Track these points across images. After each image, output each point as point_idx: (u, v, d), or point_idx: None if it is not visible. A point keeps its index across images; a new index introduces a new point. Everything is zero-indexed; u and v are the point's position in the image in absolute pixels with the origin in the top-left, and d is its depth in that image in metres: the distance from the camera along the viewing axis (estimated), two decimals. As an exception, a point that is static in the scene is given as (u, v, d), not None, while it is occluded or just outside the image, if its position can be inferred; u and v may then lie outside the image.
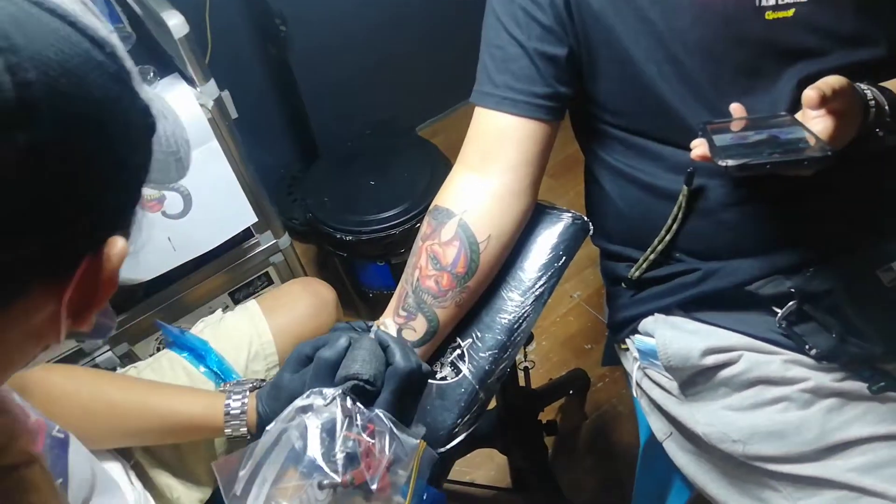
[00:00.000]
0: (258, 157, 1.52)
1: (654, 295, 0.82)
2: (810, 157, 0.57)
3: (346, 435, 0.59)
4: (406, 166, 1.61)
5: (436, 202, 0.78)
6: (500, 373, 0.77)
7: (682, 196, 0.74)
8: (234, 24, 1.75)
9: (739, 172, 0.58)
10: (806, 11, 0.66)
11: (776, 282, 0.73)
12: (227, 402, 0.74)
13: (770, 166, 0.57)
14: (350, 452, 0.59)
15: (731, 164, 0.57)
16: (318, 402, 0.61)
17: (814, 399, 0.70)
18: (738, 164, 0.57)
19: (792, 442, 0.69)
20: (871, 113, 0.62)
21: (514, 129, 0.76)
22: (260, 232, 1.34)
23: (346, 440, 0.59)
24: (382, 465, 0.60)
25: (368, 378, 0.63)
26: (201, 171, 1.14)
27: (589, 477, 1.47)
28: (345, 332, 0.70)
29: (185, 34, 1.04)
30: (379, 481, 0.60)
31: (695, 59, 0.69)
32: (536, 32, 0.74)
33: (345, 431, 0.59)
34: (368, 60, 2.03)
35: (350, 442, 0.59)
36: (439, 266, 0.74)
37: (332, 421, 0.60)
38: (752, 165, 0.57)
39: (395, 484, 0.62)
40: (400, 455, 0.62)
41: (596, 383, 1.59)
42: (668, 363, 0.78)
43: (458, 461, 1.49)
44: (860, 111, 0.62)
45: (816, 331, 0.72)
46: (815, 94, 0.57)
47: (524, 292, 0.79)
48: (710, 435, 0.75)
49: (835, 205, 0.72)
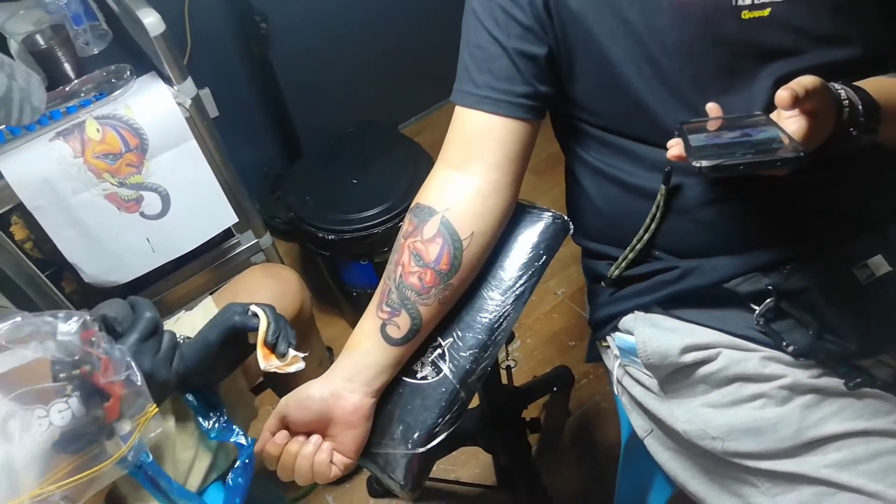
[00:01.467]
0: (241, 155, 1.52)
1: (633, 293, 0.82)
2: (783, 157, 0.57)
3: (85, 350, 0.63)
4: (389, 164, 1.60)
5: (417, 200, 0.78)
6: (480, 372, 0.76)
7: (660, 195, 0.75)
8: (214, 23, 1.73)
9: (713, 173, 0.59)
10: (781, 11, 0.67)
11: (754, 279, 0.74)
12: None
13: (743, 167, 0.57)
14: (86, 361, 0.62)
15: (704, 164, 0.58)
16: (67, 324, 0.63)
17: (791, 396, 0.71)
18: (711, 164, 0.58)
19: (769, 438, 0.70)
20: (844, 112, 0.63)
21: (495, 129, 0.76)
22: (241, 231, 1.33)
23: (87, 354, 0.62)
24: (115, 379, 0.64)
25: (115, 316, 0.71)
26: (179, 170, 1.13)
27: (572, 474, 1.47)
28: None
29: (160, 32, 1.03)
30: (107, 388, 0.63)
31: (673, 59, 0.69)
32: (516, 32, 0.74)
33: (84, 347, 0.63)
34: (351, 58, 2.03)
35: (89, 355, 0.63)
36: (422, 263, 0.74)
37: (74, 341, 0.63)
38: (726, 166, 0.58)
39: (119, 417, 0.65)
40: (129, 395, 0.66)
41: (580, 380, 1.60)
42: (648, 360, 0.78)
43: (443, 459, 1.49)
44: (834, 111, 0.62)
45: (794, 328, 0.73)
46: (787, 95, 0.57)
47: (505, 291, 0.79)
48: (689, 432, 0.76)
49: (812, 203, 0.73)
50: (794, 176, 0.61)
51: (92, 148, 1.05)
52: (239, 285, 1.01)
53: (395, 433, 0.74)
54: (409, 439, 0.74)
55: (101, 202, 1.09)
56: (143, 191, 1.12)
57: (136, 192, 1.12)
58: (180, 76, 1.10)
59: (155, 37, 1.03)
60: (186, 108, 1.11)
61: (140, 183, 1.11)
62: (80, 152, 1.04)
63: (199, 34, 1.69)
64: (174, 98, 1.09)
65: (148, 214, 1.15)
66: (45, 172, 1.03)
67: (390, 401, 0.76)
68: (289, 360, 0.80)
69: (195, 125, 1.13)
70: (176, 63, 1.09)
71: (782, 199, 0.73)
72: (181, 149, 1.12)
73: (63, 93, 1.05)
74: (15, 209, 1.06)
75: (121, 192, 1.10)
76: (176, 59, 1.09)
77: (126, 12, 1.09)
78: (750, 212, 0.74)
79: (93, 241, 1.12)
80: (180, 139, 1.11)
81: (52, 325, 0.62)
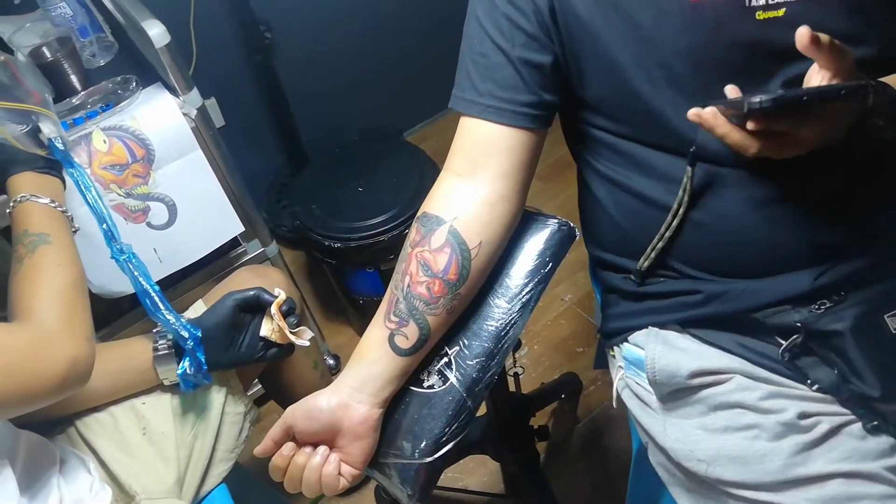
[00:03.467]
0: (247, 164, 1.52)
1: (652, 309, 0.81)
2: (847, 85, 0.54)
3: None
4: (394, 172, 1.60)
5: (424, 209, 0.78)
6: (487, 380, 0.76)
7: (684, 182, 0.72)
8: (219, 34, 1.74)
9: (775, 108, 0.53)
10: (796, 10, 0.65)
11: (783, 313, 0.72)
12: (154, 345, 0.90)
13: (807, 98, 0.53)
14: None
15: (764, 98, 0.52)
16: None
17: (786, 433, 0.70)
18: (772, 97, 0.52)
19: (754, 470, 0.69)
20: (869, 97, 0.60)
21: (500, 138, 0.76)
22: (247, 240, 1.33)
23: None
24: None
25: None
26: (186, 180, 1.13)
27: (582, 481, 1.46)
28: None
29: (166, 43, 1.04)
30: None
31: (686, 63, 0.68)
32: (520, 40, 0.73)
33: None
34: (356, 66, 2.03)
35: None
36: (430, 273, 0.73)
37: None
38: (788, 98, 0.53)
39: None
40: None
41: (588, 387, 1.59)
42: (654, 378, 0.77)
43: (451, 467, 1.49)
44: (857, 84, 0.60)
45: (818, 365, 0.72)
46: (806, 31, 0.54)
47: (511, 299, 0.78)
48: (677, 451, 0.75)
49: (848, 235, 0.71)
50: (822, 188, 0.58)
51: (99, 159, 1.05)
52: (228, 286, 1.02)
53: (402, 443, 0.74)
54: (416, 449, 0.73)
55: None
56: (149, 201, 1.12)
57: (143, 203, 1.12)
58: (186, 87, 1.10)
59: (160, 48, 1.04)
60: (192, 118, 1.11)
61: (147, 193, 1.12)
62: (87, 163, 1.05)
63: (205, 44, 1.70)
64: (180, 108, 1.10)
65: (155, 225, 1.15)
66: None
67: (397, 410, 0.76)
68: (298, 331, 0.96)
69: (201, 135, 1.13)
70: (181, 74, 1.09)
71: (810, 220, 0.71)
72: (187, 159, 1.12)
73: (70, 105, 1.05)
74: (22, 221, 1.06)
75: (128, 203, 1.10)
76: (181, 69, 1.09)
77: (132, 24, 1.10)
78: (777, 228, 0.72)
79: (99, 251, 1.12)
80: (186, 149, 1.11)
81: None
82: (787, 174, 0.68)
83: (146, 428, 0.90)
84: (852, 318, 0.70)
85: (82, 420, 0.89)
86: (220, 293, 0.99)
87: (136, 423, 0.90)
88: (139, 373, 0.90)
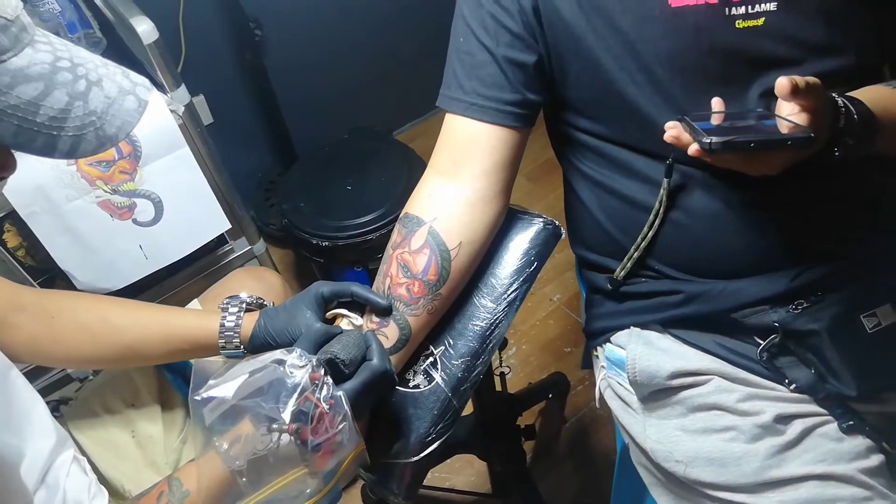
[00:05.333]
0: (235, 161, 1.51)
1: (633, 309, 0.82)
2: (794, 136, 0.58)
3: (307, 396, 0.61)
4: (383, 171, 1.60)
5: (406, 209, 0.78)
6: (473, 380, 0.76)
7: (662, 190, 0.73)
8: (209, 30, 1.73)
9: (724, 151, 0.58)
10: (776, 20, 0.66)
11: (761, 313, 0.73)
12: (222, 317, 0.77)
13: (754, 144, 0.58)
14: (304, 410, 0.61)
15: (715, 140, 0.58)
16: (293, 359, 0.63)
17: (762, 435, 0.70)
18: (722, 141, 0.58)
19: (731, 472, 0.70)
20: (841, 119, 0.63)
21: (483, 136, 0.76)
22: (234, 238, 1.33)
23: (307, 400, 0.61)
24: (329, 434, 0.62)
25: (344, 359, 0.66)
26: (172, 177, 1.13)
27: (568, 481, 1.47)
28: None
29: (154, 40, 1.03)
30: (321, 448, 0.61)
31: (666, 68, 0.69)
32: (505, 39, 0.74)
33: (307, 393, 0.61)
34: (346, 65, 2.03)
35: (308, 403, 0.61)
36: (410, 274, 0.74)
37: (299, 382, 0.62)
38: (737, 143, 0.58)
39: (327, 466, 0.64)
40: (343, 441, 0.63)
41: (576, 386, 1.59)
42: (634, 378, 0.78)
43: (438, 467, 1.49)
44: (830, 113, 0.62)
45: (795, 365, 0.73)
46: (787, 82, 0.57)
47: (496, 298, 0.78)
48: (656, 452, 0.76)
49: (824, 237, 0.72)
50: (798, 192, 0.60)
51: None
52: (224, 287, 1.01)
53: (388, 442, 0.74)
54: (402, 448, 0.73)
55: (93, 209, 1.09)
56: (135, 198, 1.12)
57: (129, 200, 1.11)
58: (174, 83, 1.10)
59: (148, 45, 1.03)
60: (180, 115, 1.11)
61: (133, 190, 1.11)
62: (74, 160, 1.04)
63: (194, 41, 1.69)
64: (167, 105, 1.09)
65: (141, 221, 1.14)
66: (39, 180, 1.02)
67: (383, 410, 0.76)
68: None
69: (188, 132, 1.13)
70: (169, 70, 1.09)
71: (786, 222, 0.72)
72: (174, 156, 1.12)
73: (56, 100, 1.05)
74: (7, 216, 1.05)
75: (114, 200, 1.10)
76: (169, 66, 1.09)
77: (120, 20, 1.09)
78: (753, 230, 0.73)
79: (85, 248, 1.11)
80: (173, 146, 1.11)
81: (280, 374, 0.62)
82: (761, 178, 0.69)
83: (134, 431, 0.89)
84: (829, 318, 0.71)
85: (74, 423, 0.88)
86: (216, 295, 0.97)
87: (125, 426, 0.89)
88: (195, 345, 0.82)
